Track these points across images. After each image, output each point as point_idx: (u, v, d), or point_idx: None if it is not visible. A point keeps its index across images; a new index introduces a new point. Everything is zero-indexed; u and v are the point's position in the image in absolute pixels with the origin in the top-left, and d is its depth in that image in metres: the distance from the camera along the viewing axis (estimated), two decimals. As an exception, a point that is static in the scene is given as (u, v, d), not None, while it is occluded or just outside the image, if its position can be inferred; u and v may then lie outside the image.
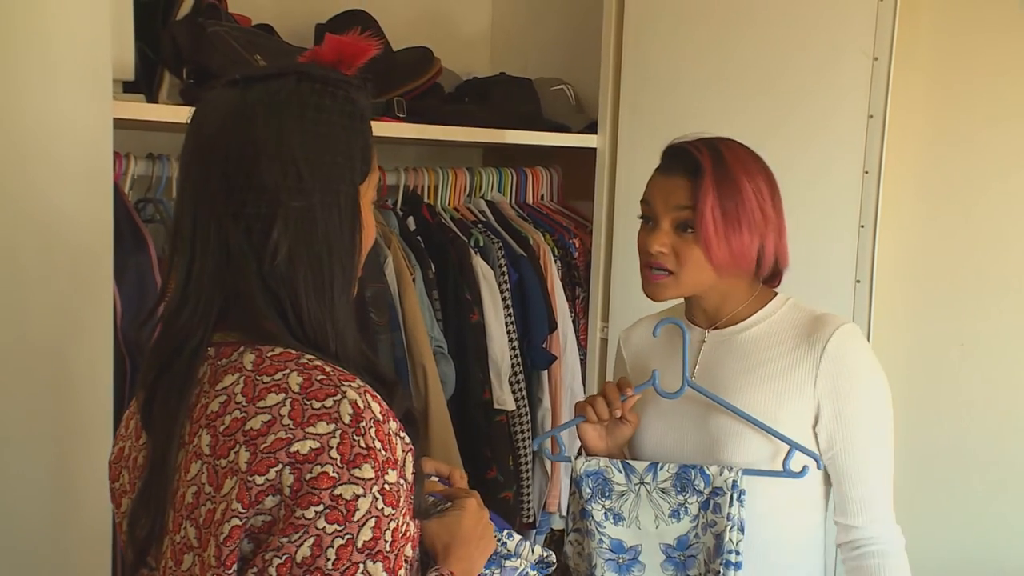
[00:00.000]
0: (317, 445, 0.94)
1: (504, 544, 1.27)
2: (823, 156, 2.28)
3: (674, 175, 1.49)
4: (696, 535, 1.49)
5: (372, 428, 0.97)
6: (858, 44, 2.23)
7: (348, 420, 0.96)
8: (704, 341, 1.58)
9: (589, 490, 1.53)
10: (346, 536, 0.94)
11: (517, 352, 2.57)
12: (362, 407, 0.97)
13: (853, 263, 2.26)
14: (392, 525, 0.97)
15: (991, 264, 2.30)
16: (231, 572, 0.95)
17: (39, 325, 1.63)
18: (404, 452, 1.01)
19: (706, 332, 1.59)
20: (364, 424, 0.96)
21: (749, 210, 1.47)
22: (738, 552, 1.44)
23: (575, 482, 1.55)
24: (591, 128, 2.74)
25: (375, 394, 1.00)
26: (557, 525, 2.78)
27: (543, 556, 1.32)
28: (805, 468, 1.47)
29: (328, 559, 0.93)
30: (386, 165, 2.49)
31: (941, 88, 2.32)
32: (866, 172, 2.24)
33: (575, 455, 1.58)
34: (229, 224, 1.03)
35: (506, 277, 2.58)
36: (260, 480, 0.94)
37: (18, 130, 1.58)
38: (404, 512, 1.00)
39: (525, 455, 2.60)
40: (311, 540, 0.93)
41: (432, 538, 1.14)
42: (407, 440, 1.03)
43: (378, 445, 0.96)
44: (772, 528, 1.51)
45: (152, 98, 1.95)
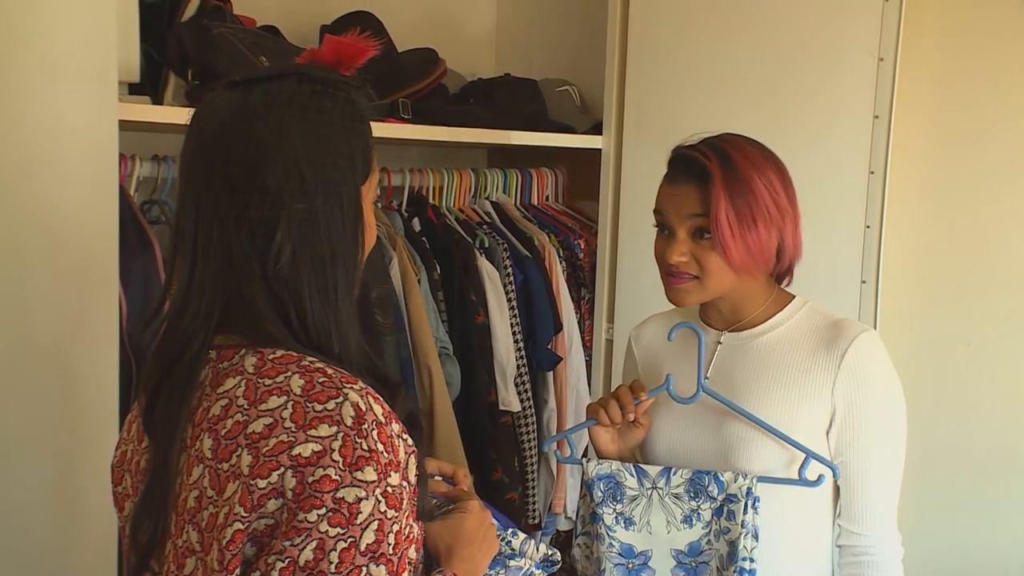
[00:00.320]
0: (319, 448, 0.94)
1: (508, 543, 1.27)
2: (828, 157, 2.27)
3: (683, 184, 1.47)
4: (708, 541, 1.47)
5: (374, 430, 0.96)
6: (863, 45, 2.22)
7: (350, 422, 0.95)
8: (720, 343, 1.56)
9: (600, 494, 1.51)
10: (349, 539, 0.93)
11: (522, 353, 2.57)
12: (364, 409, 0.97)
13: (859, 264, 2.25)
14: (395, 528, 0.97)
15: (998, 264, 2.29)
16: (234, 576, 0.95)
17: (45, 328, 1.63)
18: (407, 454, 1.01)
19: (722, 334, 1.56)
20: (366, 426, 0.96)
21: (763, 205, 1.44)
22: (752, 559, 1.43)
23: (586, 485, 1.53)
24: (596, 129, 2.74)
25: (377, 396, 1.00)
26: (563, 526, 2.78)
27: (548, 555, 1.32)
28: (821, 477, 1.45)
29: (331, 562, 0.92)
30: (391, 166, 2.50)
31: (946, 88, 2.31)
32: (872, 173, 2.23)
33: (584, 457, 1.56)
34: (232, 227, 1.03)
35: (511, 278, 2.58)
36: (262, 484, 0.94)
37: (23, 132, 1.58)
38: (407, 514, 0.99)
39: (530, 456, 2.59)
40: (314, 543, 0.92)
41: (435, 540, 1.14)
42: (410, 442, 1.02)
43: (380, 447, 0.96)
44: (781, 533, 1.49)
45: (157, 100, 1.95)
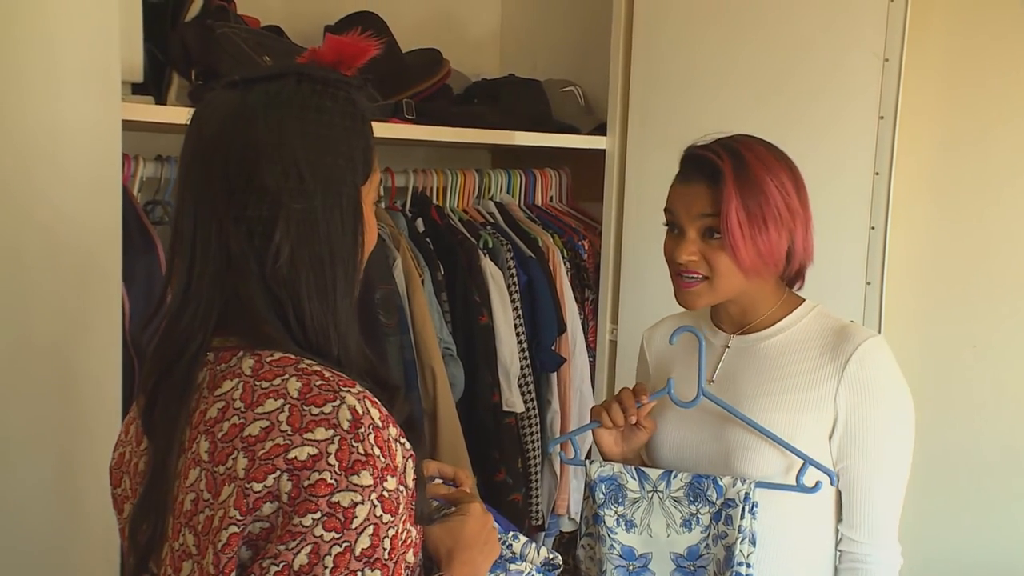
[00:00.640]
0: (315, 451, 0.93)
1: (509, 546, 1.26)
2: (833, 157, 2.26)
3: (695, 183, 1.47)
4: (707, 546, 1.48)
5: (371, 434, 0.96)
6: (869, 45, 2.21)
7: (347, 426, 0.95)
8: (728, 346, 1.57)
9: (602, 495, 1.52)
10: (344, 544, 0.93)
11: (526, 354, 2.57)
12: (361, 413, 0.96)
13: (864, 265, 2.24)
14: (391, 532, 0.96)
15: (1003, 265, 2.28)
16: (229, 579, 0.94)
17: (47, 328, 1.63)
18: (404, 458, 1.00)
19: (731, 337, 1.57)
20: (363, 430, 0.95)
21: (774, 207, 1.44)
22: (748, 564, 1.43)
23: (588, 487, 1.54)
24: (600, 129, 2.73)
25: (375, 400, 0.99)
26: (566, 528, 2.77)
27: (549, 558, 1.31)
28: (819, 483, 1.45)
29: (326, 567, 0.92)
30: (395, 167, 2.49)
31: (952, 89, 2.30)
32: (877, 173, 2.22)
33: (588, 459, 1.57)
34: (230, 227, 1.02)
35: (515, 279, 2.58)
36: (258, 487, 0.93)
37: (26, 132, 1.58)
38: (404, 519, 0.99)
39: (534, 457, 2.59)
40: (309, 548, 0.92)
41: (435, 543, 1.13)
42: (407, 446, 1.01)
43: (377, 452, 0.96)
44: (781, 539, 1.49)
45: (161, 100, 1.95)
